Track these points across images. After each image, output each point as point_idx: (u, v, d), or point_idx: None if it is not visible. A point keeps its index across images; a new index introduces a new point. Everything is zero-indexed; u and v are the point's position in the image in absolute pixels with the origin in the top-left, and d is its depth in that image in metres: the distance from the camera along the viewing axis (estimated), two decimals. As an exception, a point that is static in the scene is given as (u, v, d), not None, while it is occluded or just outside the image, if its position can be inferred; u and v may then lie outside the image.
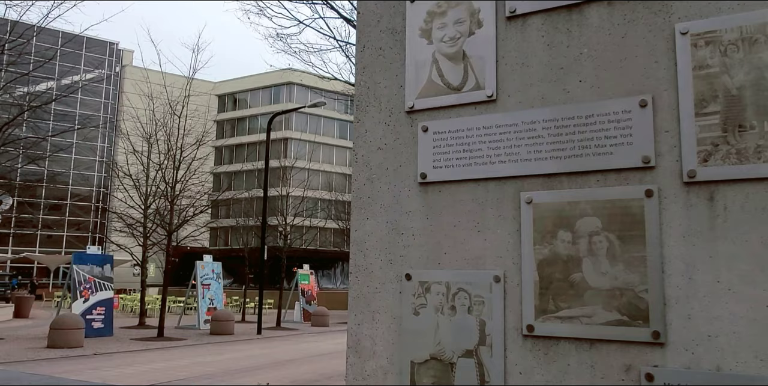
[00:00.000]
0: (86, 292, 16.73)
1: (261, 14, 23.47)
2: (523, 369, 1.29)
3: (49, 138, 22.16)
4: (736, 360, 1.10)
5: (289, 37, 20.86)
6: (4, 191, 19.66)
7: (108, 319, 17.16)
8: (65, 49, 30.49)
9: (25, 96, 20.64)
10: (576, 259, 1.26)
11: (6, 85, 17.79)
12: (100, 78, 47.19)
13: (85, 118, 34.86)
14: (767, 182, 1.12)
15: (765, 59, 1.15)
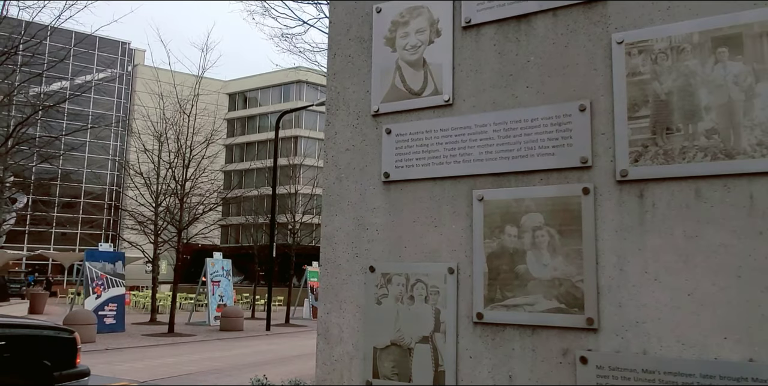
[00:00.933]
0: (98, 289, 17.02)
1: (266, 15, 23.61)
2: (473, 353, 1.39)
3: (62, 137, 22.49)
4: (661, 344, 1.20)
5: (294, 36, 20.99)
6: (18, 190, 20.01)
7: (120, 315, 17.44)
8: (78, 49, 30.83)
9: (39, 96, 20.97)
10: (521, 252, 1.36)
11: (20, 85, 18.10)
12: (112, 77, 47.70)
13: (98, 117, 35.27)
14: (690, 181, 1.21)
15: (690, 67, 1.24)
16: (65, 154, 28.18)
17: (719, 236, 1.18)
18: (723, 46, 1.21)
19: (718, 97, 1.21)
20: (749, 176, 1.16)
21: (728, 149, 1.18)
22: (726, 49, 1.21)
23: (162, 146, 19.35)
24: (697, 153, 1.21)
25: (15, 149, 17.74)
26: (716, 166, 1.19)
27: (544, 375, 1.30)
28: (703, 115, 1.22)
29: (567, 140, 1.35)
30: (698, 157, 1.21)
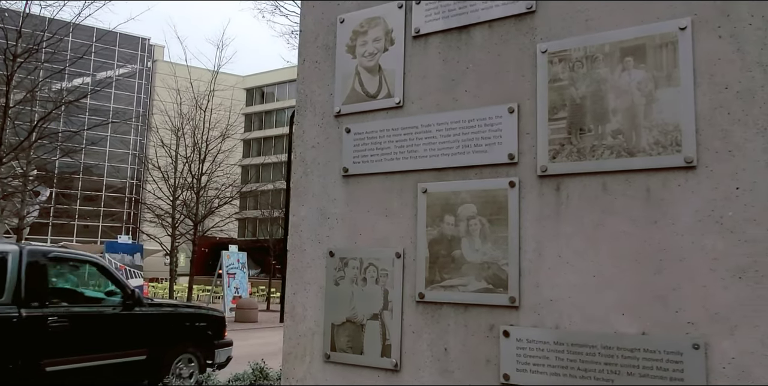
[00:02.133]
0: (117, 279, 17.47)
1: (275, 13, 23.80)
2: (415, 329, 1.56)
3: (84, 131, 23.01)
4: (570, 319, 1.36)
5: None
6: (40, 183, 20.57)
7: (138, 305, 17.87)
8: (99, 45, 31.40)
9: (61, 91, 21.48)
10: (457, 238, 1.53)
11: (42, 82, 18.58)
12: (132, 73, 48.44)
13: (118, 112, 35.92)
14: (598, 176, 1.37)
15: (601, 74, 1.39)
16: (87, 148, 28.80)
17: (621, 224, 1.33)
18: (629, 55, 1.36)
19: (623, 101, 1.36)
20: (647, 171, 1.32)
21: (630, 148, 1.34)
22: (631, 58, 1.36)
23: (179, 141, 19.76)
24: (604, 151, 1.37)
25: (38, 143, 18.25)
26: (620, 162, 1.34)
27: (474, 347, 1.47)
28: (610, 117, 1.37)
29: (497, 138, 1.51)
30: (605, 154, 1.36)
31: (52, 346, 5.49)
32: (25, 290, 5.48)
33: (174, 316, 7.27)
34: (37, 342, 5.40)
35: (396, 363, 1.57)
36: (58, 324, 5.59)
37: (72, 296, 6.33)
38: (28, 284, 5.52)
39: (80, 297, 6.53)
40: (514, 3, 1.53)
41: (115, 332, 6.31)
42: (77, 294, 6.59)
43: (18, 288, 5.43)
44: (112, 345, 6.19)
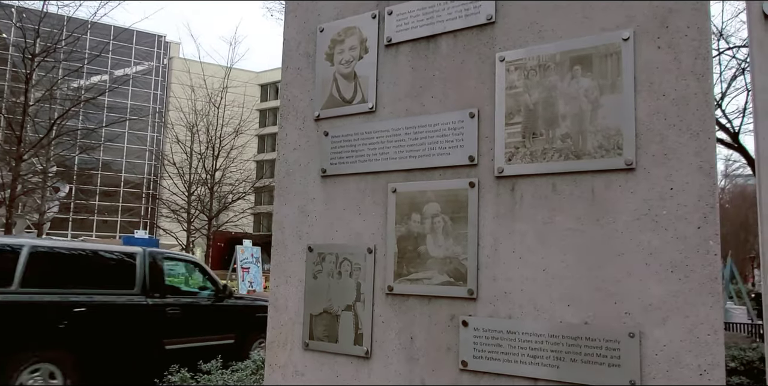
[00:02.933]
0: (134, 273, 17.82)
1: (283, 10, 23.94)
2: (385, 319, 1.68)
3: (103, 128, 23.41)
4: (522, 310, 1.47)
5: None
6: (60, 179, 21.02)
7: (155, 299, 18.22)
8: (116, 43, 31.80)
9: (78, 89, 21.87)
10: (422, 235, 1.64)
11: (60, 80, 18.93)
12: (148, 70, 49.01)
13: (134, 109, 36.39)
14: (549, 177, 1.47)
15: (552, 82, 1.49)
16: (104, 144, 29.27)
17: (568, 222, 1.43)
18: (578, 64, 1.46)
19: (571, 107, 1.46)
20: (592, 173, 1.41)
21: (577, 151, 1.44)
22: (580, 67, 1.46)
23: (194, 137, 20.05)
24: (554, 154, 1.47)
25: (57, 140, 18.64)
26: (568, 165, 1.44)
27: (437, 336, 1.58)
28: (560, 122, 1.47)
29: (460, 142, 1.61)
30: (555, 157, 1.46)
31: (169, 329, 6.76)
32: (149, 283, 6.75)
33: (252, 307, 8.07)
34: (159, 325, 6.68)
35: (367, 351, 1.69)
36: (173, 311, 6.86)
37: (178, 289, 7.49)
38: (150, 279, 6.79)
39: (183, 290, 7.66)
40: (476, 14, 1.63)
41: (211, 319, 7.45)
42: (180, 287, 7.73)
43: (144, 282, 6.71)
44: (210, 330, 7.32)
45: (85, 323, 5.99)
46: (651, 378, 1.29)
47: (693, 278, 1.27)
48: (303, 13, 2.00)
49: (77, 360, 5.81)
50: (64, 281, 6.11)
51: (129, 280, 6.65)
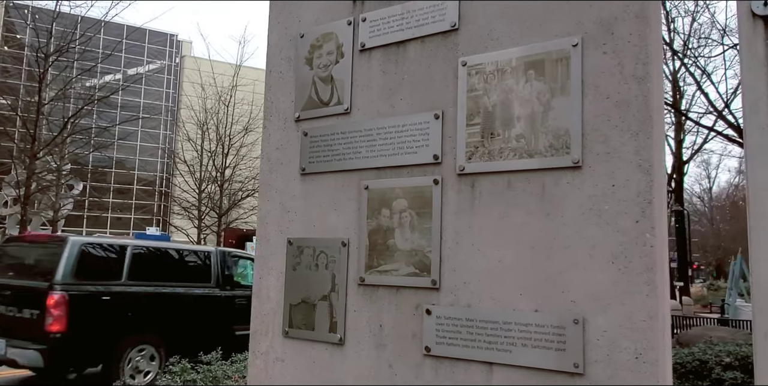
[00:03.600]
0: (146, 270, 18.13)
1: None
2: (357, 308, 1.79)
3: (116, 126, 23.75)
4: (479, 299, 1.57)
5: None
6: (73, 177, 21.38)
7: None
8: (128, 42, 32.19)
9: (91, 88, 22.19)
10: (391, 229, 1.75)
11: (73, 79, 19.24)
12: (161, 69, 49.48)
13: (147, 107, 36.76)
14: (505, 174, 1.57)
15: (509, 85, 1.59)
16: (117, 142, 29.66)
17: (521, 217, 1.53)
18: (531, 69, 1.56)
19: (525, 109, 1.55)
20: (543, 170, 1.51)
21: (530, 150, 1.53)
22: (533, 71, 1.55)
23: (204, 135, 20.28)
24: (509, 153, 1.57)
25: (71, 138, 18.96)
26: (522, 163, 1.54)
27: (403, 324, 1.69)
28: (515, 123, 1.57)
29: (425, 141, 1.72)
30: (510, 156, 1.56)
31: (237, 317, 7.77)
32: (221, 278, 8.01)
33: None
34: (229, 313, 7.85)
35: (341, 338, 1.80)
36: (240, 302, 7.98)
37: (239, 283, 8.40)
38: (222, 274, 8.04)
39: (245, 284, 8.44)
40: (441, 21, 1.73)
41: None
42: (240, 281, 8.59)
43: (218, 277, 8.00)
44: None
45: (173, 311, 7.35)
46: (593, 361, 1.39)
47: (631, 268, 1.37)
48: (285, 19, 2.11)
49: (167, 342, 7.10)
50: (157, 276, 7.37)
51: (206, 275, 7.90)
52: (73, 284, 6.53)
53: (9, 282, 6.91)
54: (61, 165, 19.01)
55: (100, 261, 7.01)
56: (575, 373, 1.40)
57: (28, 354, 6.25)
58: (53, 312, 6.27)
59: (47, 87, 16.98)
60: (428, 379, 1.62)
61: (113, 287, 6.85)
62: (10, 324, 6.60)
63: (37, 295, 6.43)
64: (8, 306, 6.70)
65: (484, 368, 1.53)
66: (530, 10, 1.58)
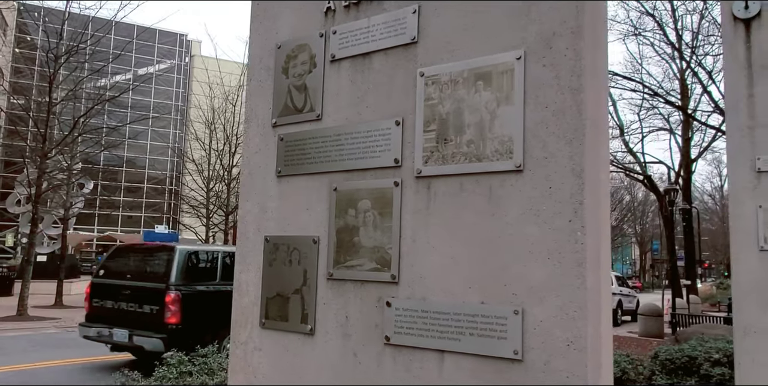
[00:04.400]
0: (155, 267, 18.41)
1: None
2: (326, 301, 1.93)
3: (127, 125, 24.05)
4: (433, 293, 1.71)
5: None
6: (84, 175, 21.70)
7: (175, 292, 18.80)
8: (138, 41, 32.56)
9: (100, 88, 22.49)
10: (357, 228, 1.88)
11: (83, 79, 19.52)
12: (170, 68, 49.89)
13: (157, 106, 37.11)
14: (457, 177, 1.70)
15: (461, 95, 1.72)
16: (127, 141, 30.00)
17: (470, 216, 1.66)
18: (480, 80, 1.69)
19: (475, 117, 1.68)
20: (490, 173, 1.64)
21: (479, 155, 1.66)
22: (482, 82, 1.68)
23: (212, 134, 20.52)
24: (461, 157, 1.70)
25: (81, 138, 19.25)
26: (471, 166, 1.67)
27: (366, 315, 1.83)
28: (466, 130, 1.70)
29: (388, 146, 1.85)
30: (462, 160, 1.69)
31: None
32: None
33: None
34: None
35: (311, 328, 1.94)
36: None
37: None
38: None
39: None
40: (402, 35, 1.87)
41: None
42: None
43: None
44: None
45: None
46: (530, 348, 1.52)
47: (564, 263, 1.50)
48: (264, 31, 2.25)
49: None
50: None
51: None
52: (184, 285, 8.20)
53: (129, 283, 8.56)
54: (72, 164, 19.31)
55: (200, 265, 8.77)
56: (515, 359, 1.53)
57: (153, 342, 7.90)
58: (171, 307, 7.91)
59: (58, 88, 17.27)
60: (388, 367, 1.76)
61: (211, 287, 8.51)
62: (131, 317, 8.29)
63: (156, 294, 8.08)
64: (129, 303, 8.37)
65: (436, 356, 1.67)
66: (481, 25, 1.71)
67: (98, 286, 9.03)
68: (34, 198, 16.25)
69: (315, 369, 1.92)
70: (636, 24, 22.40)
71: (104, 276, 9.14)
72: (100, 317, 8.74)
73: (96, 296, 8.93)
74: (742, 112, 4.00)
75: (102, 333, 8.46)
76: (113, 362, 9.10)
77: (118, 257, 9.45)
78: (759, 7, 3.99)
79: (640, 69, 21.16)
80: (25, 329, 13.42)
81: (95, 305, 8.92)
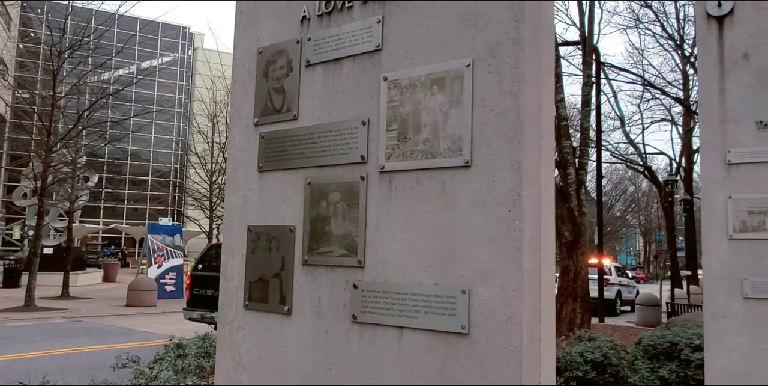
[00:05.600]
0: (159, 259, 18.73)
1: None
2: (301, 284, 2.14)
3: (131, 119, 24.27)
4: (394, 275, 1.90)
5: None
6: (88, 168, 21.97)
7: (179, 283, 19.14)
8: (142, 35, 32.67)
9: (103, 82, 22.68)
10: (328, 218, 2.08)
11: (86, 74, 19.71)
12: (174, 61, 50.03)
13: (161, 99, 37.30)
14: (414, 172, 1.89)
15: (419, 98, 1.90)
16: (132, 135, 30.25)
17: (426, 207, 1.86)
18: (435, 84, 1.87)
19: (430, 118, 1.87)
20: (443, 169, 1.83)
21: (433, 152, 1.85)
22: (437, 86, 1.87)
23: (214, 127, 20.73)
24: (418, 154, 1.89)
25: (86, 131, 19.48)
26: (427, 162, 1.86)
27: (336, 296, 2.03)
28: (423, 129, 1.88)
29: (355, 144, 2.04)
30: (419, 157, 1.88)
31: None
32: None
33: None
34: None
35: (288, 309, 2.15)
36: None
37: None
38: None
39: None
40: (368, 42, 2.05)
41: None
42: None
43: None
44: None
45: None
46: (476, 323, 1.72)
47: (504, 249, 1.69)
48: (247, 37, 2.44)
49: None
50: None
51: None
52: None
53: None
54: (77, 158, 19.57)
55: None
56: (463, 333, 1.73)
57: None
58: None
59: (62, 82, 17.48)
60: (355, 342, 1.97)
61: None
62: None
63: None
64: None
65: (396, 331, 1.87)
66: (436, 35, 1.90)
67: (196, 278, 10.79)
68: (40, 191, 16.52)
69: (291, 345, 2.12)
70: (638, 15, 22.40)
71: (201, 270, 10.83)
72: (200, 303, 10.23)
73: (195, 286, 10.58)
74: (715, 107, 4.16)
75: (204, 315, 9.89)
76: (117, 350, 9.39)
77: (211, 253, 10.87)
78: (731, 5, 4.15)
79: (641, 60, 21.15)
80: (33, 319, 13.75)
81: (195, 293, 10.48)
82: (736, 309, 3.95)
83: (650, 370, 5.49)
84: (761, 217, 3.90)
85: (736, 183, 4.01)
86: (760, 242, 3.91)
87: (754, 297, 3.89)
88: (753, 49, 4.03)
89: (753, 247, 3.92)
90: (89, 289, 21.78)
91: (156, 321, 13.33)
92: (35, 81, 26.47)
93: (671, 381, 5.40)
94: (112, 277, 26.83)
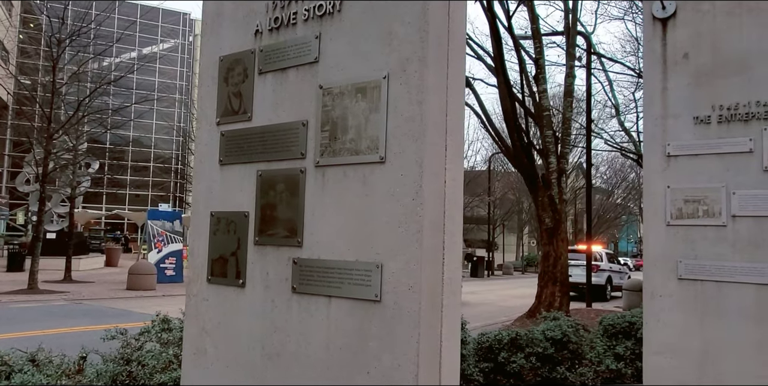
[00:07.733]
0: (159, 244, 19.20)
1: None
2: (253, 261, 2.51)
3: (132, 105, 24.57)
4: (325, 253, 2.27)
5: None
6: (90, 155, 22.36)
7: (178, 268, 19.61)
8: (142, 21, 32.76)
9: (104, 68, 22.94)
10: (275, 205, 2.45)
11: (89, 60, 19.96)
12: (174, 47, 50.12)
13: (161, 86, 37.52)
14: (342, 167, 2.25)
15: (346, 103, 2.26)
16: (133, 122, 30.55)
17: (351, 197, 2.22)
18: (359, 93, 2.22)
19: (355, 121, 2.23)
20: (364, 164, 2.19)
21: (357, 150, 2.21)
22: (360, 94, 2.22)
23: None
24: (345, 152, 2.24)
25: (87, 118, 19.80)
26: (352, 159, 2.22)
27: (280, 271, 2.40)
28: (349, 131, 2.24)
29: (296, 142, 2.40)
30: (346, 154, 2.24)
31: None
32: None
33: None
34: None
35: (242, 282, 2.52)
36: None
37: None
38: None
39: None
40: (308, 55, 2.40)
41: None
42: None
43: None
44: None
45: None
46: (386, 292, 2.09)
47: (408, 231, 2.06)
48: (211, 46, 2.79)
49: None
50: None
51: None
52: None
53: None
54: (78, 144, 19.94)
55: None
56: (376, 301, 2.10)
57: None
58: None
59: (63, 69, 17.78)
60: (295, 309, 2.34)
61: None
62: None
63: None
64: None
65: (326, 300, 2.24)
66: (361, 51, 2.24)
67: None
68: (42, 177, 16.93)
69: (245, 313, 2.50)
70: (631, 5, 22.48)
71: None
72: None
73: None
74: (657, 103, 4.50)
75: None
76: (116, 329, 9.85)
77: None
78: (674, 7, 4.46)
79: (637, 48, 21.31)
80: (36, 301, 14.25)
81: None
82: (671, 289, 4.32)
83: (607, 347, 5.89)
84: (695, 205, 4.26)
85: (675, 174, 4.36)
86: (693, 228, 4.26)
87: (687, 278, 4.25)
88: (692, 50, 4.35)
89: (687, 232, 4.28)
90: (91, 273, 22.34)
91: (154, 303, 13.81)
92: (37, 68, 26.75)
93: (625, 357, 5.80)
94: (114, 262, 27.40)
